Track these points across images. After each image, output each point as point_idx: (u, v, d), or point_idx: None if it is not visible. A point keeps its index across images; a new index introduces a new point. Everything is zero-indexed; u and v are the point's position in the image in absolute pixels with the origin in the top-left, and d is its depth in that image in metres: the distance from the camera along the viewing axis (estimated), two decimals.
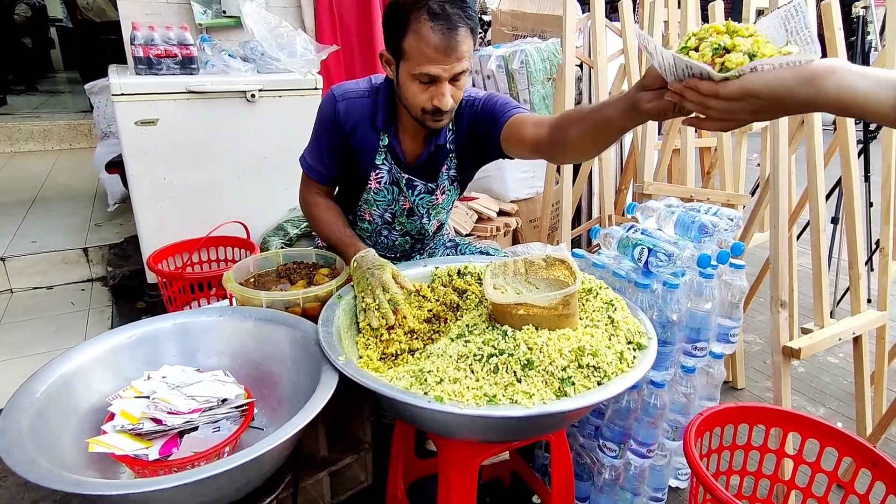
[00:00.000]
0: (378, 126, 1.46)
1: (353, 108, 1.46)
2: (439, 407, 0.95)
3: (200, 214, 2.55)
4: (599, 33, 2.33)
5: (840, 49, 1.82)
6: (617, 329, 1.15)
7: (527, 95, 3.19)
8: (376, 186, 1.55)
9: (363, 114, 1.46)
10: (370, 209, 1.61)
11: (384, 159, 1.51)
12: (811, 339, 1.74)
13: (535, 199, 3.42)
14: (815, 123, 1.74)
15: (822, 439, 1.43)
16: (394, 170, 1.53)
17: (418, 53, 1.23)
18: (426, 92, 1.29)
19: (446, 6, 1.22)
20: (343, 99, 1.46)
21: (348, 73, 3.34)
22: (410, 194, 1.57)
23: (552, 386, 1.01)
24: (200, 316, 1.29)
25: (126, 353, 1.20)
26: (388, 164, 1.52)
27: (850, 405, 2.37)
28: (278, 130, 2.62)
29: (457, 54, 1.25)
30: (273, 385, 1.25)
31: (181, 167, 2.48)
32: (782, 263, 1.70)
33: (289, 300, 1.35)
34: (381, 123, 1.45)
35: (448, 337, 1.15)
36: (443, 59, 1.24)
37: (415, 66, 1.25)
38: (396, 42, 1.27)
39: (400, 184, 1.55)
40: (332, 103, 1.47)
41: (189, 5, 2.87)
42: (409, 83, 1.29)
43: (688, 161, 2.08)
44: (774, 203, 1.69)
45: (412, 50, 1.24)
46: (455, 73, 1.28)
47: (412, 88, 1.29)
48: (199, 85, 2.38)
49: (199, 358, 1.26)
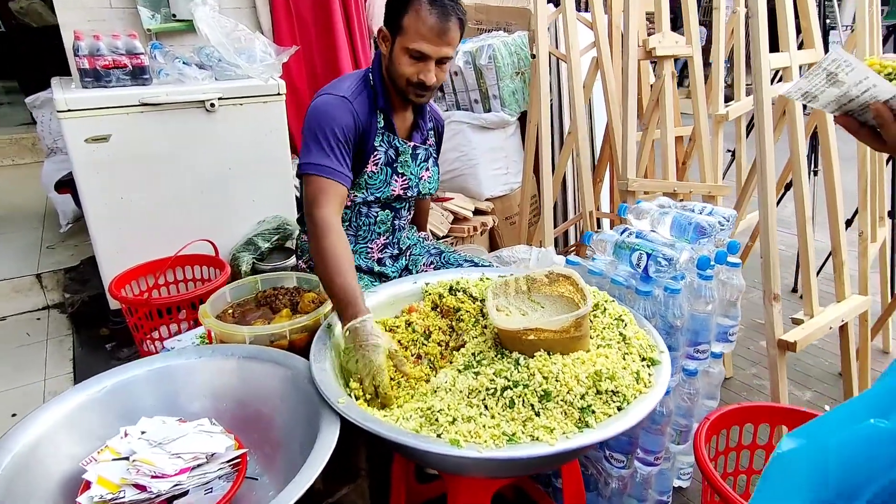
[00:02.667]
0: (380, 105, 1.52)
1: (361, 105, 1.49)
2: (457, 452, 0.88)
3: (164, 233, 2.39)
4: (571, 27, 2.27)
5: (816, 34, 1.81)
6: (629, 346, 1.10)
7: (496, 91, 3.13)
8: (372, 169, 1.57)
9: (365, 108, 1.51)
10: (357, 193, 1.58)
11: (381, 140, 1.55)
12: (805, 331, 1.73)
13: (510, 196, 3.37)
14: (798, 115, 1.73)
15: None
16: (395, 142, 1.57)
17: (414, 31, 1.37)
18: (414, 66, 1.42)
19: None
20: (353, 99, 1.49)
21: (309, 75, 3.20)
22: (413, 163, 1.63)
23: (572, 417, 0.95)
24: (178, 359, 1.18)
25: (97, 408, 1.08)
26: (384, 144, 1.56)
27: (834, 386, 2.41)
28: (241, 140, 2.48)
29: (446, 38, 1.39)
30: (264, 428, 1.15)
31: (139, 185, 2.31)
32: (773, 258, 1.69)
33: (274, 333, 1.25)
34: (383, 103, 1.52)
35: (454, 368, 1.07)
36: (434, 40, 1.38)
37: (409, 41, 1.39)
38: (396, 18, 1.39)
39: (397, 160, 1.59)
40: (345, 106, 1.46)
41: (135, 10, 2.69)
42: (402, 56, 1.42)
43: (669, 154, 2.05)
44: (763, 198, 1.67)
45: (409, 27, 1.38)
46: (442, 55, 1.42)
47: (403, 60, 1.42)
48: (154, 96, 2.22)
49: (180, 405, 1.15)
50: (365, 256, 1.70)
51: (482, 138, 3.16)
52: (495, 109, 3.18)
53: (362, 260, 1.69)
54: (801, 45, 1.88)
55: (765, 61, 1.60)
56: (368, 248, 1.69)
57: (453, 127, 3.13)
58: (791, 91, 0.82)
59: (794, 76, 1.72)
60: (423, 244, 1.84)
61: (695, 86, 2.11)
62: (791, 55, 1.69)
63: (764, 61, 1.60)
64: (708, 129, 2.19)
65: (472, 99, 3.22)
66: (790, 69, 1.71)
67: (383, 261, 1.73)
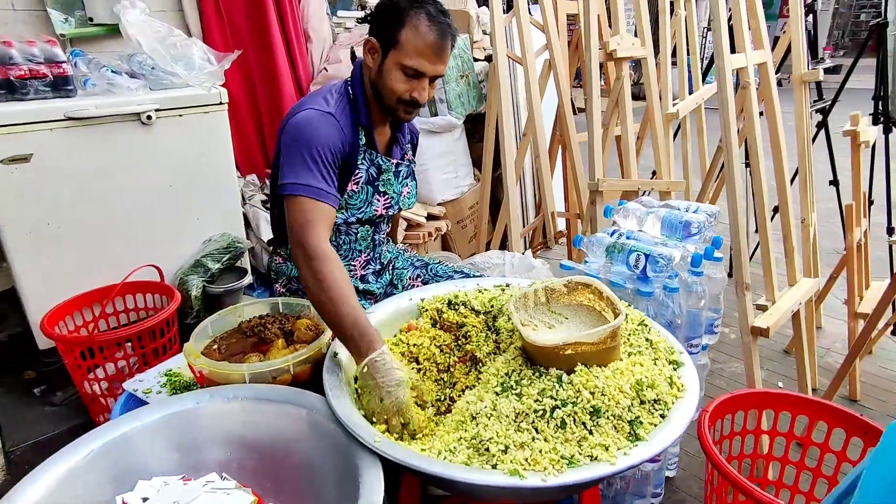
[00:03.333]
0: (362, 122, 1.44)
1: (344, 121, 1.41)
2: (519, 483, 0.83)
3: (100, 261, 2.15)
4: (525, 30, 2.28)
5: (765, 35, 1.91)
6: (657, 351, 1.10)
7: (443, 94, 3.09)
8: (353, 188, 1.49)
9: (348, 124, 1.42)
10: (338, 214, 1.49)
11: (363, 157, 1.48)
12: (773, 316, 1.83)
13: (460, 200, 3.34)
14: (754, 113, 1.82)
15: (811, 414, 1.51)
16: (377, 160, 1.50)
17: (413, 46, 1.31)
18: (408, 83, 1.36)
19: (441, 15, 1.32)
20: (338, 116, 1.40)
21: (245, 82, 3.01)
22: (395, 181, 1.56)
23: (623, 431, 0.93)
24: (171, 407, 1.05)
25: (85, 476, 0.93)
26: (366, 162, 1.49)
27: (782, 364, 2.59)
28: (182, 154, 2.28)
29: (443, 58, 1.35)
30: (284, 477, 1.04)
31: (68, 208, 2.06)
32: (744, 249, 1.77)
33: (277, 368, 1.14)
34: (366, 119, 1.45)
35: (488, 391, 1.02)
36: (432, 58, 1.34)
37: (406, 58, 1.32)
38: (391, 31, 1.32)
39: (379, 178, 1.52)
40: (332, 122, 1.37)
41: (45, 13, 2.41)
42: (395, 71, 1.35)
43: (630, 153, 2.11)
44: (731, 193, 1.74)
45: (407, 42, 1.31)
46: (437, 73, 1.38)
47: (396, 76, 1.35)
48: (81, 110, 1.99)
49: (181, 461, 1.02)
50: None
51: (431, 143, 3.12)
52: (442, 113, 3.14)
53: None
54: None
55: (727, 61, 1.67)
56: (351, 265, 1.60)
57: None
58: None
59: (751, 75, 1.81)
60: (405, 256, 1.77)
61: (649, 86, 2.18)
62: (747, 55, 1.78)
63: (727, 61, 1.67)
64: (662, 128, 2.27)
65: None
66: (746, 69, 1.80)
67: (366, 277, 1.64)
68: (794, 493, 1.56)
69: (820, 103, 2.87)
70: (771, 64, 1.91)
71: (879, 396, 2.31)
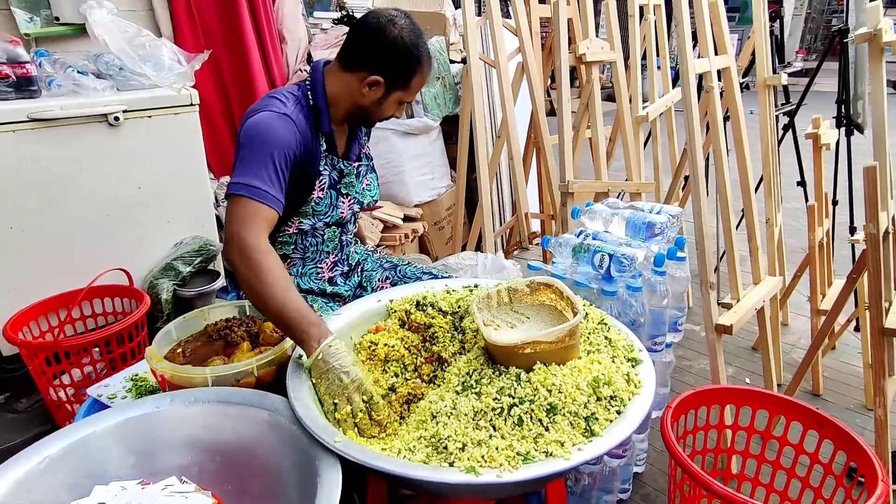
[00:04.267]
0: (324, 129, 1.46)
1: (301, 125, 1.40)
2: (475, 480, 0.84)
3: (66, 265, 2.12)
4: (498, 34, 2.30)
5: (727, 39, 1.96)
6: (615, 349, 1.12)
7: (419, 97, 3.10)
8: (319, 195, 1.50)
9: (305, 128, 1.42)
10: (303, 220, 1.50)
11: (325, 163, 1.50)
12: (737, 314, 1.87)
13: (437, 201, 3.36)
14: (718, 116, 1.87)
15: (771, 409, 1.55)
16: (339, 164, 1.53)
17: (416, 87, 1.46)
18: (398, 109, 1.51)
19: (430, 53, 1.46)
20: (295, 118, 1.39)
21: (217, 84, 2.99)
22: (356, 181, 1.59)
23: (579, 427, 0.95)
24: (131, 412, 1.04)
25: (40, 483, 0.92)
26: (328, 167, 1.51)
27: (749, 360, 2.64)
28: (151, 156, 2.26)
29: None
30: (246, 478, 1.04)
31: (33, 212, 2.03)
32: (708, 248, 1.81)
33: (240, 371, 1.14)
34: (327, 126, 1.47)
35: (450, 390, 1.03)
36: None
37: (408, 96, 1.47)
38: (403, 76, 1.41)
39: (340, 182, 1.55)
40: (288, 125, 1.36)
41: (8, 11, 2.36)
42: (394, 105, 1.48)
43: (601, 155, 2.14)
44: (695, 195, 1.78)
45: (415, 85, 1.44)
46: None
47: (393, 106, 1.48)
48: (45, 111, 1.96)
49: (140, 466, 1.01)
50: (316, 278, 1.60)
51: (407, 144, 3.13)
52: (418, 115, 3.16)
53: (313, 282, 1.59)
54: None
55: (691, 66, 1.71)
56: (318, 268, 1.60)
57: (378, 134, 3.06)
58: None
59: (714, 79, 1.85)
60: (374, 258, 1.78)
61: (619, 89, 2.22)
62: (710, 60, 1.82)
63: (690, 66, 1.70)
64: (631, 131, 2.31)
65: None
66: (709, 73, 1.84)
67: (335, 279, 1.64)
68: (756, 485, 1.60)
69: (786, 106, 2.95)
70: (735, 68, 1.96)
71: (840, 391, 2.37)
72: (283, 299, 1.12)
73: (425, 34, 1.46)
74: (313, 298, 1.56)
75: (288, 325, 1.12)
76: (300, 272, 1.57)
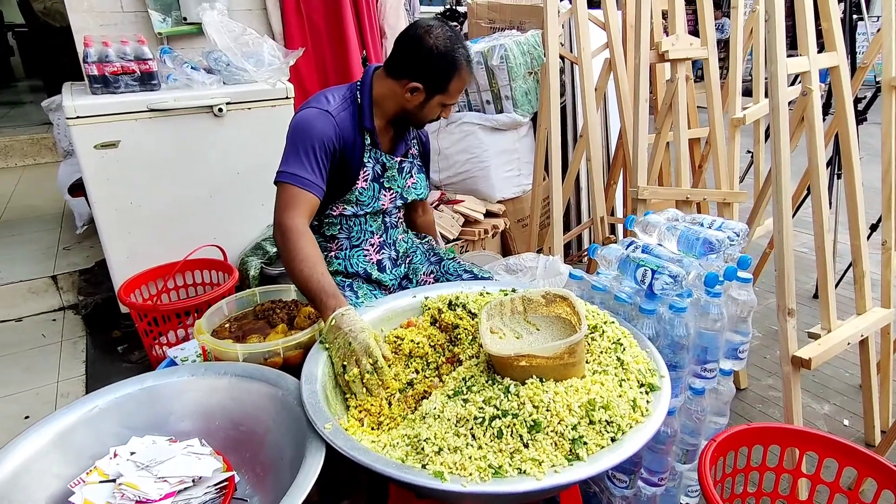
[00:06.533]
0: (367, 126, 1.56)
1: (344, 121, 1.52)
2: (440, 485, 0.85)
3: (173, 238, 2.41)
4: (583, 28, 2.22)
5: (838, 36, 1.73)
6: (627, 372, 1.06)
7: (508, 91, 3.08)
8: (363, 185, 1.60)
9: (348, 124, 1.54)
10: (346, 206, 1.62)
11: (369, 156, 1.59)
12: (821, 347, 1.66)
13: (522, 198, 3.32)
14: (817, 120, 1.65)
15: (840, 458, 1.37)
16: (382, 158, 1.61)
17: (456, 90, 1.54)
18: (442, 110, 1.59)
19: (469, 57, 1.51)
20: (336, 114, 1.51)
21: (320, 78, 3.18)
22: (399, 176, 1.67)
23: (563, 448, 0.91)
24: (171, 377, 1.18)
25: (89, 427, 1.08)
26: (372, 160, 1.60)
27: (853, 399, 2.33)
28: (249, 144, 2.48)
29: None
30: (255, 448, 1.14)
31: (148, 190, 2.33)
32: (788, 270, 1.62)
33: (268, 350, 1.24)
34: (369, 122, 1.56)
35: (444, 393, 1.05)
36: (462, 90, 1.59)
37: (449, 99, 1.55)
38: (442, 81, 1.50)
39: (383, 175, 1.63)
40: (328, 120, 1.49)
41: (147, 14, 2.70)
42: (436, 108, 1.56)
43: (683, 160, 1.99)
44: (778, 211, 1.60)
45: (454, 88, 1.52)
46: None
47: (436, 109, 1.57)
48: (162, 102, 2.23)
49: (171, 424, 1.15)
50: (363, 259, 1.69)
51: (494, 140, 3.12)
52: (507, 110, 3.13)
53: (361, 264, 1.68)
54: (822, 48, 1.80)
55: (782, 68, 1.53)
56: (365, 249, 1.68)
57: (464, 128, 3.09)
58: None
59: (814, 81, 1.64)
60: (423, 250, 1.83)
61: (710, 90, 2.04)
62: (810, 59, 1.62)
63: (781, 68, 1.53)
64: (724, 134, 2.12)
65: (483, 100, 3.18)
66: (809, 74, 1.63)
67: (382, 263, 1.71)
68: None
69: None
70: (846, 67, 1.72)
71: None
72: (310, 274, 1.29)
73: (462, 40, 1.51)
74: (359, 284, 1.65)
75: (311, 296, 1.29)
76: (347, 255, 1.68)
